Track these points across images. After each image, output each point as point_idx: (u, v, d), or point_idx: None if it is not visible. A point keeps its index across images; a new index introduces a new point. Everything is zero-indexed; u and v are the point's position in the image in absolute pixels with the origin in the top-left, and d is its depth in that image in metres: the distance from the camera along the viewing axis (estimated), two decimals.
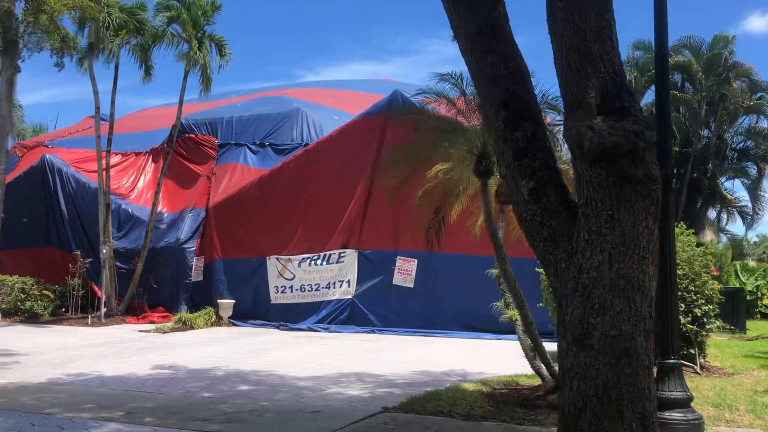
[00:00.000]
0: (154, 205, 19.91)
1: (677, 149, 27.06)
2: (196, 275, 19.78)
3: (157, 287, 19.84)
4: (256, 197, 18.55)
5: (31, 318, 18.95)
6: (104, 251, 18.48)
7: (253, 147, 21.04)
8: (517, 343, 14.49)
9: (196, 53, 19.01)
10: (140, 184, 22.55)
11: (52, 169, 22.29)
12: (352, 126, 17.78)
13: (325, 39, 76.37)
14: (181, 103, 20.12)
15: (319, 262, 17.68)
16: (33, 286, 20.00)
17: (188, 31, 19.21)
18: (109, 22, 17.27)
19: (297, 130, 20.74)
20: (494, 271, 9.50)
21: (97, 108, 19.70)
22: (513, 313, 8.72)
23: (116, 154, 24.17)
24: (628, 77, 26.28)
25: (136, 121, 28.23)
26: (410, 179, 9.08)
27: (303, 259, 17.85)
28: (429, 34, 73.23)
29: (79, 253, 19.67)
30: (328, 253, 17.61)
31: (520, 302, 8.08)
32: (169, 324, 16.94)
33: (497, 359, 12.00)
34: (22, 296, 19.73)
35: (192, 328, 16.94)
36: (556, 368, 5.61)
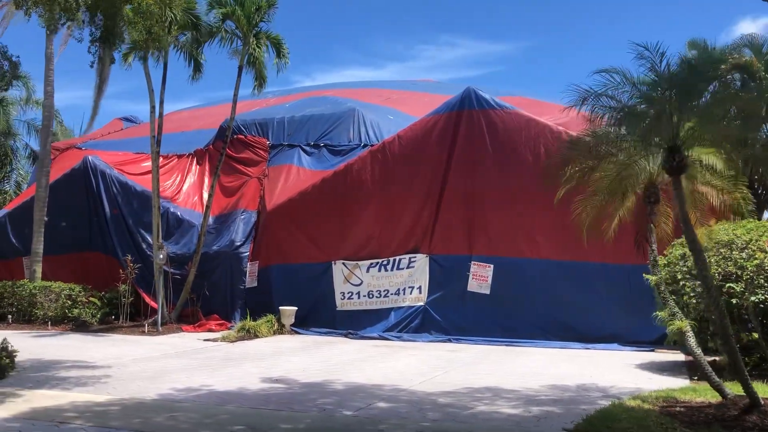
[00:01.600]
0: (208, 208, 19.15)
1: None
2: (251, 281, 19.02)
3: (210, 294, 19.08)
4: (319, 199, 17.80)
5: (81, 326, 18.14)
6: (161, 256, 17.70)
7: (307, 148, 20.29)
8: (617, 353, 13.94)
9: (254, 50, 18.28)
10: (186, 186, 21.79)
11: (95, 171, 21.49)
12: (420, 125, 17.04)
13: (322, 45, 76.34)
14: (234, 102, 19.35)
15: (388, 267, 16.92)
16: (80, 292, 19.20)
17: (243, 27, 18.49)
18: (171, 17, 16.54)
19: (353, 130, 20.01)
20: (652, 278, 8.70)
21: (153, 107, 18.93)
22: (682, 324, 7.92)
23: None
24: None
25: (171, 123, 27.29)
26: (589, 175, 8.15)
27: (371, 264, 17.09)
28: (425, 40, 73.13)
29: (129, 257, 18.86)
30: (397, 257, 16.85)
31: (722, 314, 7.22)
32: (233, 332, 16.15)
33: (611, 370, 11.27)
34: (69, 303, 18.94)
35: (256, 336, 16.16)
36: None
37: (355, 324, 16.98)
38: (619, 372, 11.20)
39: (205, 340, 15.63)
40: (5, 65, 11.77)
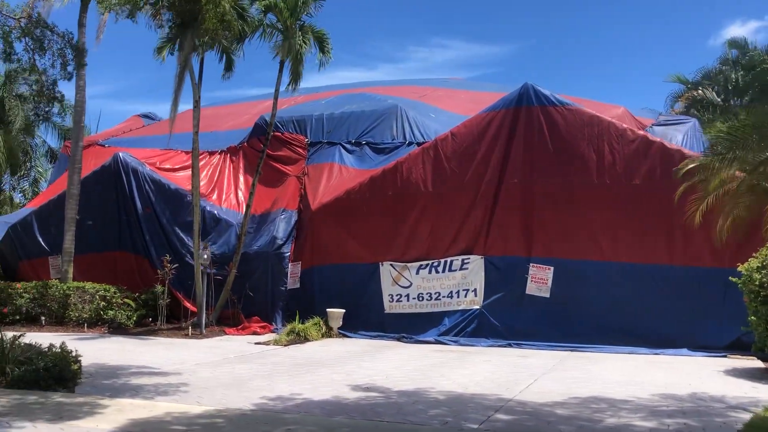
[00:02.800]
0: (248, 206, 18.55)
1: None
2: (293, 282, 18.44)
3: (247, 295, 18.48)
4: (366, 198, 17.24)
5: (118, 329, 17.53)
6: (205, 256, 17.10)
7: (348, 146, 19.75)
8: (691, 358, 13.40)
9: (300, 45, 17.70)
10: (220, 185, 21.19)
11: (127, 168, 20.86)
12: (475, 122, 16.51)
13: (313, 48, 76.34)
14: (276, 99, 18.76)
15: (439, 269, 16.37)
16: (115, 293, 18.57)
17: (285, 20, 17.92)
18: (222, 8, 15.92)
19: (397, 128, 19.47)
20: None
21: (197, 101, 18.32)
22: None
23: (186, 153, 22.92)
24: (730, 76, 25.34)
25: (190, 121, 26.89)
26: None
27: (421, 265, 16.54)
28: (415, 41, 72.93)
29: (168, 257, 18.24)
30: (449, 259, 16.31)
31: None
32: (283, 336, 15.56)
33: (706, 378, 10.75)
34: (104, 305, 18.31)
35: (307, 339, 15.59)
36: None
37: (405, 327, 16.42)
38: (715, 379, 10.69)
39: (256, 343, 15.05)
40: (68, 54, 11.14)
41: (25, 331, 13.81)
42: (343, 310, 16.85)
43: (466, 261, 16.14)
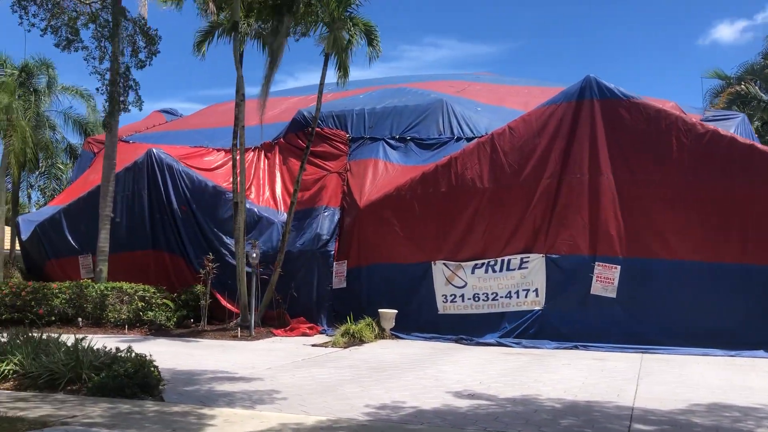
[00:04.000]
0: (292, 204, 17.95)
1: None
2: (338, 281, 17.86)
3: (294, 295, 17.89)
4: (418, 195, 16.67)
5: (160, 330, 16.92)
6: (254, 255, 16.49)
7: (392, 142, 19.17)
8: None
9: (350, 37, 17.11)
10: (256, 182, 20.59)
11: (161, 165, 20.24)
12: (535, 116, 15.96)
13: (304, 44, 75.78)
14: (320, 92, 18.16)
15: (496, 268, 15.81)
16: (154, 294, 17.95)
17: (332, 10, 17.33)
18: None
19: (443, 123, 18.90)
20: None
21: (242, 94, 17.69)
22: None
23: (218, 150, 22.34)
24: None
25: (223, 115, 26.28)
26: None
27: (477, 264, 15.97)
28: (409, 40, 72.67)
29: (211, 256, 17.63)
30: (507, 258, 15.75)
31: None
32: (339, 337, 14.95)
33: None
34: (142, 305, 17.69)
35: (362, 341, 15.00)
36: None
37: (460, 329, 15.86)
38: None
39: (312, 345, 14.48)
40: (139, 41, 10.52)
41: (62, 333, 13.24)
42: (396, 311, 16.28)
43: (525, 260, 15.58)
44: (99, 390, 8.50)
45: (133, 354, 9.55)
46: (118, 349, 9.78)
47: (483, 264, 15.92)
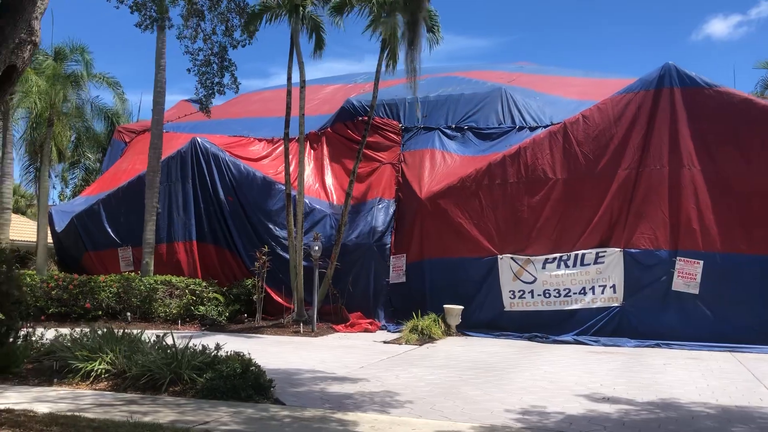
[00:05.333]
0: (348, 195, 17.27)
1: None
2: (396, 276, 17.21)
3: (345, 289, 17.25)
4: (484, 186, 16.03)
5: (214, 325, 16.25)
6: (316, 247, 15.82)
7: (448, 131, 18.49)
8: None
9: (408, 23, 16.38)
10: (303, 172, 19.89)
11: (206, 154, 19.57)
12: (610, 104, 15.29)
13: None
14: (377, 80, 17.42)
15: (569, 263, 15.18)
16: (206, 288, 17.29)
17: None
18: None
19: (503, 111, 18.21)
20: None
21: (303, 82, 16.99)
22: None
23: (259, 140, 21.68)
24: None
25: (260, 105, 25.62)
26: None
27: (547, 259, 15.34)
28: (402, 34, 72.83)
29: (266, 249, 16.97)
30: (580, 252, 15.11)
31: None
32: (408, 333, 14.30)
33: None
34: (193, 299, 17.03)
35: (431, 338, 14.38)
36: None
37: (527, 326, 15.24)
38: None
39: (384, 342, 13.86)
40: (234, 19, 9.81)
41: (112, 328, 12.58)
42: (462, 307, 15.64)
43: (601, 254, 14.94)
44: (210, 392, 7.85)
45: (231, 353, 8.95)
46: (205, 347, 9.14)
47: (555, 258, 15.28)
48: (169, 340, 9.42)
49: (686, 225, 14.36)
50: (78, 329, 10.69)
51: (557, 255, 15.28)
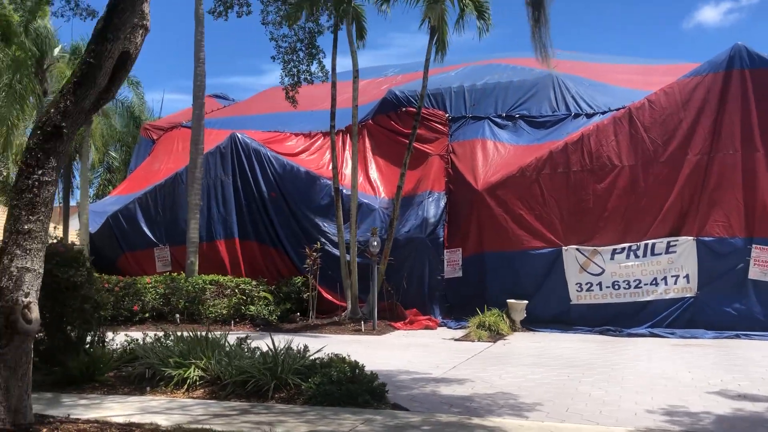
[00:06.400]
0: (399, 189, 16.71)
1: None
2: (452, 270, 16.67)
3: (401, 285, 16.70)
4: (546, 175, 15.48)
5: (268, 326, 15.70)
6: (375, 243, 15.28)
7: (499, 120, 17.90)
8: None
9: (464, 9, 15.80)
10: (344, 166, 19.34)
11: (247, 149, 19.03)
12: (677, 88, 14.74)
13: None
14: (426, 69, 16.80)
15: (639, 253, 14.64)
16: (256, 286, 16.76)
17: None
18: None
19: (556, 99, 17.61)
20: None
21: (356, 71, 16.43)
22: None
23: (296, 135, 21.09)
24: None
25: (283, 100, 24.91)
26: None
27: (615, 250, 14.80)
28: (398, 27, 72.03)
29: (319, 245, 16.45)
30: (651, 242, 14.57)
31: None
32: (476, 330, 13.75)
33: None
34: (242, 299, 16.50)
35: (500, 335, 13.84)
36: None
37: (596, 319, 14.73)
38: None
39: (456, 339, 13.35)
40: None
41: (162, 330, 12.07)
42: (526, 302, 15.11)
43: (672, 244, 14.40)
44: (323, 397, 7.30)
45: (331, 355, 8.43)
46: (289, 348, 8.62)
47: (623, 249, 14.74)
48: (254, 344, 8.94)
49: (762, 211, 13.83)
50: (139, 333, 10.21)
51: (626, 245, 14.74)
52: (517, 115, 17.75)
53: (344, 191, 17.70)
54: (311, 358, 8.34)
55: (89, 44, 5.62)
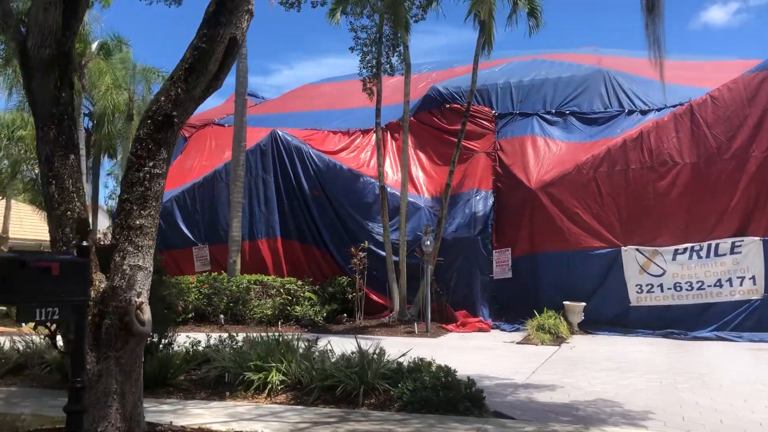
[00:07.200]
0: (448, 187, 16.31)
1: None
2: (501, 271, 16.25)
3: (449, 285, 16.29)
4: (603, 173, 15.03)
5: (315, 327, 15.32)
6: (428, 243, 14.89)
7: (548, 116, 17.44)
8: None
9: (516, 4, 15.37)
10: (386, 164, 18.94)
11: (288, 147, 18.70)
12: (742, 84, 14.26)
13: (299, 34, 74.87)
14: (476, 63, 16.42)
15: (702, 253, 14.16)
16: (301, 287, 16.40)
17: None
18: None
19: (609, 95, 17.13)
20: None
21: (408, 66, 16.06)
22: None
23: (333, 133, 20.68)
24: None
25: (324, 98, 24.66)
26: None
27: (677, 250, 14.33)
28: (421, 27, 71.86)
29: (366, 244, 16.06)
30: (714, 242, 14.09)
31: None
32: (536, 332, 13.32)
33: None
34: (288, 299, 16.15)
35: (560, 338, 13.40)
36: None
37: (657, 322, 14.27)
38: None
39: (514, 342, 12.91)
40: None
41: (207, 331, 11.79)
42: (584, 304, 14.66)
43: (737, 244, 13.92)
44: (421, 404, 6.91)
45: (416, 359, 8.05)
46: (381, 351, 8.23)
47: (686, 249, 14.27)
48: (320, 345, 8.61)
49: None
50: (201, 335, 9.88)
51: (688, 245, 14.27)
52: (567, 111, 17.29)
53: (389, 190, 17.33)
54: (399, 362, 7.94)
55: (200, 29, 5.26)
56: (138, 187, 4.99)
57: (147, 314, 4.89)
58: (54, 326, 4.72)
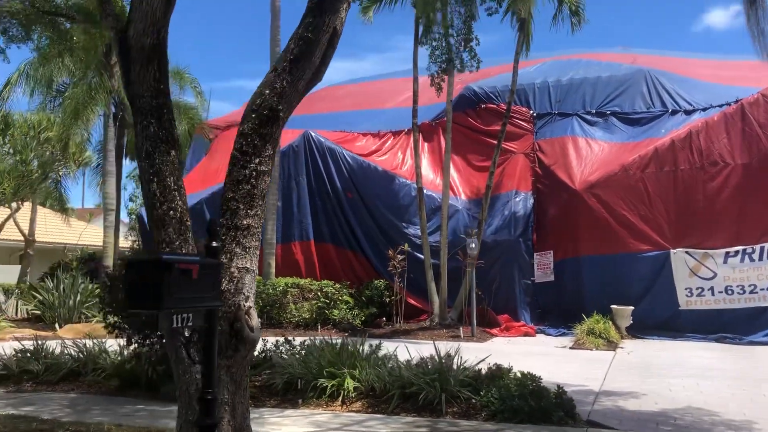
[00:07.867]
0: (488, 188, 15.98)
1: None
2: (543, 274, 15.92)
3: (488, 289, 15.94)
4: (650, 174, 14.70)
5: (355, 331, 14.93)
6: (473, 245, 14.58)
7: (588, 117, 17.11)
8: None
9: (562, 3, 15.06)
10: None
11: (321, 148, 18.40)
12: None
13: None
14: (516, 62, 16.09)
15: (754, 256, 13.81)
16: (339, 290, 16.10)
17: None
18: None
19: (651, 94, 16.78)
20: None
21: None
22: None
23: (363, 135, 20.35)
24: None
25: (350, 98, 24.36)
26: None
27: (728, 253, 13.98)
28: (403, 31, 71.66)
29: (406, 248, 15.73)
30: (767, 245, 13.74)
31: None
32: (587, 336, 12.95)
33: None
34: (325, 303, 15.85)
35: (612, 343, 13.02)
36: None
37: (708, 326, 13.90)
38: None
39: (566, 347, 12.57)
40: None
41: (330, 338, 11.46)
42: (632, 307, 14.31)
43: None
44: (511, 414, 6.60)
45: (493, 366, 7.74)
46: (447, 356, 7.93)
47: (737, 252, 13.92)
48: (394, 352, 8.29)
49: None
50: (269, 339, 9.56)
51: (740, 248, 13.91)
52: (608, 112, 16.96)
53: (425, 192, 17.01)
54: (478, 369, 7.63)
55: (304, 17, 4.96)
56: (244, 185, 4.70)
57: (255, 319, 4.59)
58: (188, 334, 4.39)
